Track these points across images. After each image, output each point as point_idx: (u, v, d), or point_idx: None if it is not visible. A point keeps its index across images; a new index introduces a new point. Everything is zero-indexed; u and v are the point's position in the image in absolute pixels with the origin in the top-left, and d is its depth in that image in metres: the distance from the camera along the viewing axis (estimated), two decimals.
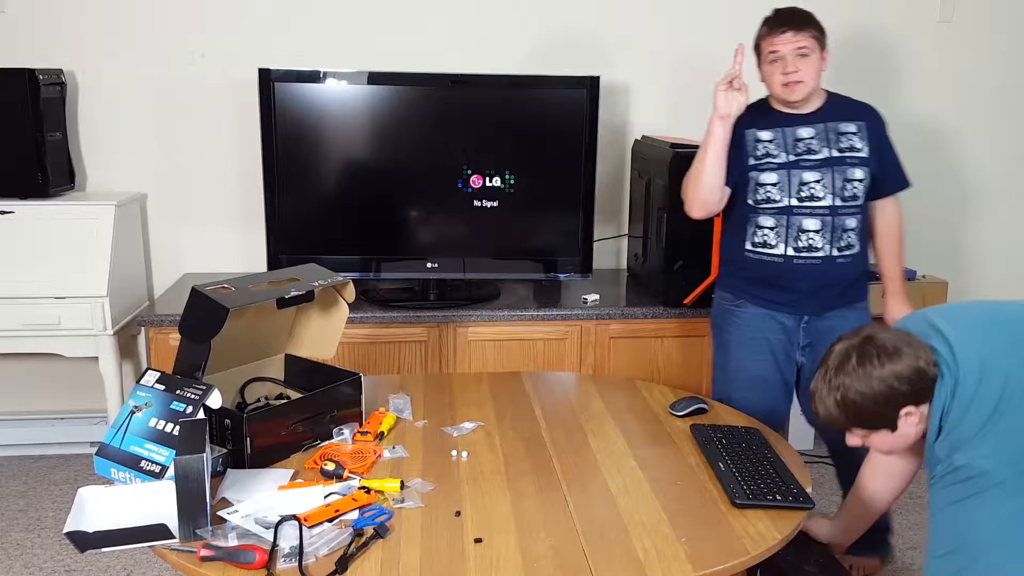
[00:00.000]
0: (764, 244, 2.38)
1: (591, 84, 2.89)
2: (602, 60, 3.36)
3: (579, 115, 2.90)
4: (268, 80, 2.79)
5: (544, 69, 3.31)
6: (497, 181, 2.91)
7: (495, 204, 2.93)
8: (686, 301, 2.89)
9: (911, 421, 1.63)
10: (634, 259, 3.28)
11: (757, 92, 2.53)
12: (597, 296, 2.98)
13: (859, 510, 2.02)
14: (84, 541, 1.51)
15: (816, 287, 2.37)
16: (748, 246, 2.40)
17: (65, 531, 1.53)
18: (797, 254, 2.35)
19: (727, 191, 2.39)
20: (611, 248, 3.51)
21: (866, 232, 2.45)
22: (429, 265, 2.96)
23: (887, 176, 2.44)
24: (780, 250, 2.36)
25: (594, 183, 2.96)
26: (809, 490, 1.74)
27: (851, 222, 2.36)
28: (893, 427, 1.65)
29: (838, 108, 2.40)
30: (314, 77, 2.81)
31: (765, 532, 1.59)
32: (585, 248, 2.99)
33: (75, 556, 2.74)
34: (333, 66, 2.91)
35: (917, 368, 1.59)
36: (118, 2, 3.15)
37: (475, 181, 2.91)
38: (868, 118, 2.42)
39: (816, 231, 2.33)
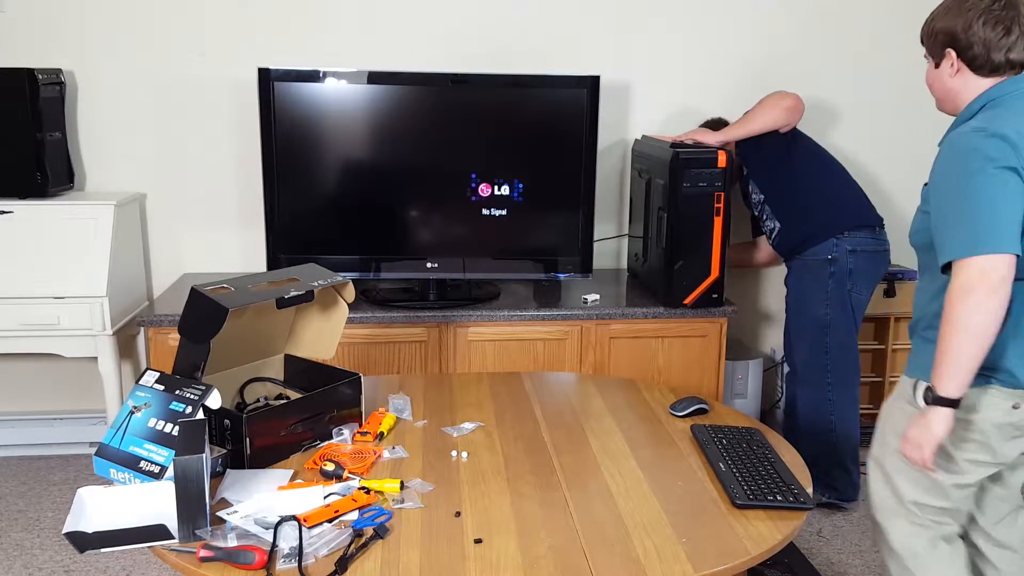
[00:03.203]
0: None
1: (591, 84, 2.88)
2: (602, 60, 3.36)
3: (579, 115, 2.90)
4: (268, 80, 2.79)
5: (544, 69, 3.31)
6: (506, 190, 2.92)
7: (503, 212, 2.93)
8: (686, 301, 2.89)
9: (947, 66, 1.80)
10: (634, 259, 3.27)
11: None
12: (597, 296, 2.98)
13: None
14: (83, 541, 1.51)
15: None
16: None
17: (64, 531, 1.53)
18: None
19: None
20: (611, 248, 3.51)
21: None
22: (429, 265, 2.96)
23: None
24: None
25: (594, 183, 2.96)
26: (809, 490, 1.74)
27: None
28: (937, 61, 1.82)
29: None
30: (314, 77, 2.81)
31: (765, 533, 1.59)
32: (585, 248, 2.99)
33: (74, 556, 2.73)
34: (333, 66, 2.91)
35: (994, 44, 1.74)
36: (118, 2, 3.14)
37: (484, 190, 2.91)
38: None
39: None
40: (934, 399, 1.68)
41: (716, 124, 3.18)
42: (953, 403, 1.67)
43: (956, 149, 1.70)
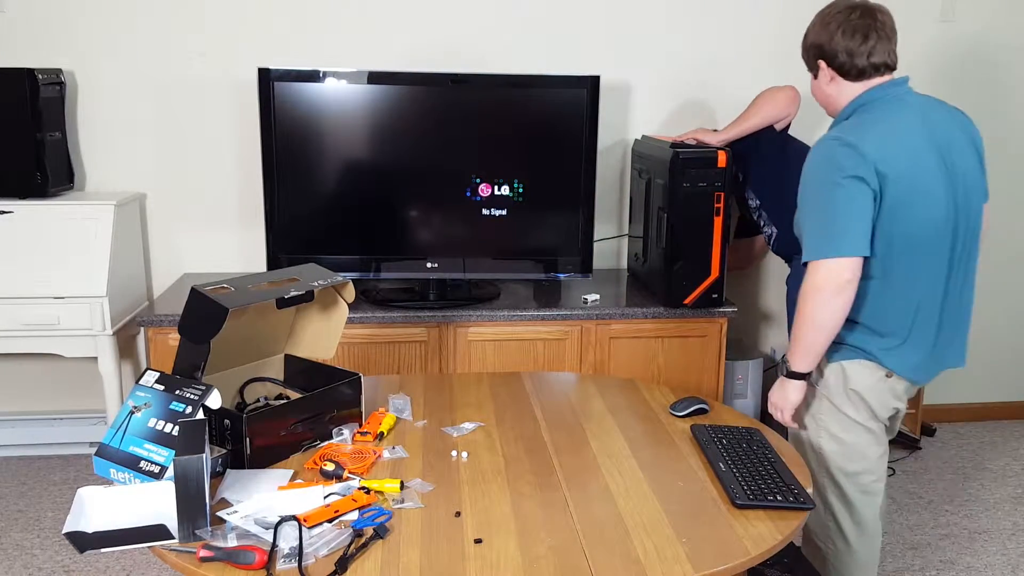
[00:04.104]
0: None
1: (591, 84, 2.88)
2: (602, 60, 3.36)
3: (579, 115, 2.90)
4: (268, 80, 2.79)
5: (544, 69, 3.31)
6: (506, 190, 2.92)
7: (503, 212, 2.93)
8: (686, 301, 2.88)
9: (823, 76, 2.05)
10: (634, 259, 3.27)
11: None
12: (597, 296, 2.98)
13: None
14: (83, 542, 1.51)
15: None
16: None
17: (64, 531, 1.53)
18: None
19: None
20: (611, 248, 3.51)
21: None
22: (429, 265, 2.96)
23: None
24: None
25: (594, 183, 2.96)
26: (810, 490, 1.74)
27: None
28: (814, 73, 2.08)
29: None
30: (314, 77, 2.81)
31: (766, 533, 1.59)
32: (585, 248, 2.99)
33: (74, 556, 2.73)
34: (333, 66, 2.91)
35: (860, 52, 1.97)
36: (118, 2, 3.14)
37: (484, 190, 2.91)
38: None
39: None
40: (788, 373, 2.01)
41: None
42: (804, 376, 2.01)
43: (816, 157, 1.93)
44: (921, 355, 2.00)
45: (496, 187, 2.92)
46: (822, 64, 2.02)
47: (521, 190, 2.93)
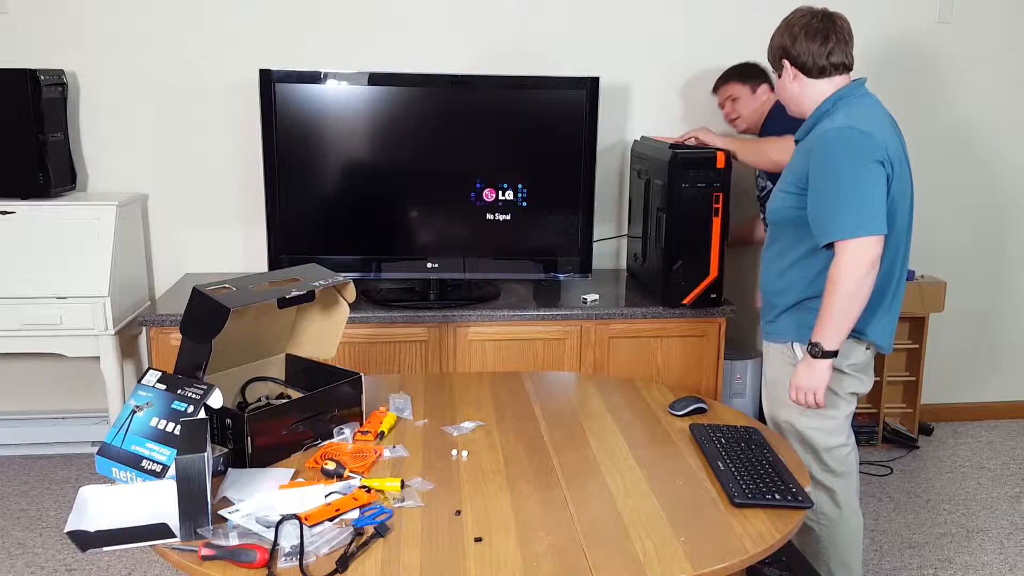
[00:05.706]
0: None
1: (591, 84, 2.89)
2: (602, 60, 3.37)
3: (579, 116, 2.91)
4: (269, 81, 2.80)
5: (544, 70, 3.32)
6: (510, 195, 2.93)
7: (507, 217, 2.95)
8: (685, 301, 2.89)
9: (787, 75, 2.14)
10: (634, 259, 3.28)
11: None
12: (597, 296, 2.99)
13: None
14: (85, 540, 1.52)
15: None
16: None
17: (66, 530, 1.54)
18: None
19: None
20: (611, 248, 3.52)
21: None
22: (429, 265, 2.97)
23: None
24: None
25: (594, 183, 2.97)
26: (808, 489, 1.75)
27: None
28: (779, 73, 2.17)
29: None
30: (315, 78, 2.82)
31: (764, 531, 1.60)
32: (585, 248, 3.00)
33: (76, 555, 2.74)
34: (333, 67, 2.92)
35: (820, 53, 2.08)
36: (119, 2, 3.15)
37: (488, 195, 2.92)
38: None
39: None
40: (823, 353, 2.02)
41: (745, 69, 3.10)
42: (835, 354, 2.03)
43: (836, 143, 2.00)
44: (893, 325, 2.18)
45: (500, 192, 2.93)
46: (786, 64, 2.14)
47: (525, 193, 2.94)
